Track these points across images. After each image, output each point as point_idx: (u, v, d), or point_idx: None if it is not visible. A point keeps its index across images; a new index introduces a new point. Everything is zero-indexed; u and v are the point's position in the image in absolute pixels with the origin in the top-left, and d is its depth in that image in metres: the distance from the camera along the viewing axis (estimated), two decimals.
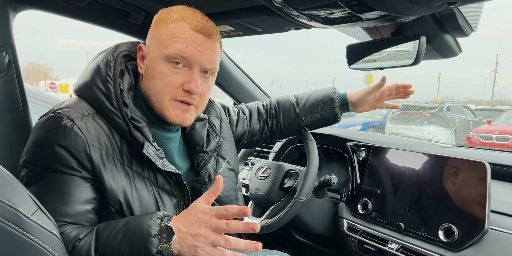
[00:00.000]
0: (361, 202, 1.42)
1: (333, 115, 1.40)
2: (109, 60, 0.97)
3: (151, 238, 0.80)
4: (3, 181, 0.55)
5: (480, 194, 1.08)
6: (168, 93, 0.96)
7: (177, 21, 0.96)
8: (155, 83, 0.96)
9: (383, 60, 1.37)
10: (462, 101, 25.63)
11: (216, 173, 1.14)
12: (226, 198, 1.16)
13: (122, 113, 0.93)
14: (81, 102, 0.96)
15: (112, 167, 0.92)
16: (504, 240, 1.04)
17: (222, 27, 1.51)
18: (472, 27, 1.20)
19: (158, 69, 0.95)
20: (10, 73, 1.35)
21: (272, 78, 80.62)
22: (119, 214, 0.93)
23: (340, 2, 1.02)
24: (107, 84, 0.94)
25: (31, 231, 0.53)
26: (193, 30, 0.95)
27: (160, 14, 0.99)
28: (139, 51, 1.00)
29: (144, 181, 0.97)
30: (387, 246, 1.27)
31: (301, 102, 1.42)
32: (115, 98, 0.94)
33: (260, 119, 1.43)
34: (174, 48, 0.94)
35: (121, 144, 0.95)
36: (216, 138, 1.15)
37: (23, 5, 1.39)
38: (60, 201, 0.88)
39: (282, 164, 1.49)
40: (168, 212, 0.98)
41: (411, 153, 1.33)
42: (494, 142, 9.06)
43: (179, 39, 0.94)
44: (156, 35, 0.97)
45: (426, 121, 11.22)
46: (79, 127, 0.89)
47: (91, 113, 0.94)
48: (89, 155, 0.89)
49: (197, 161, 1.11)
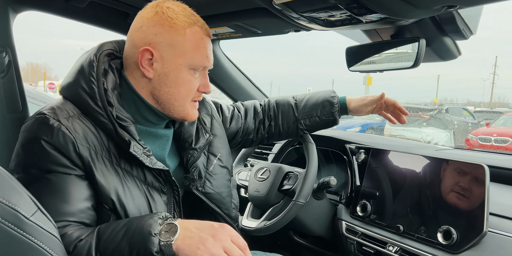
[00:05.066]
0: (360, 204, 1.42)
1: (332, 119, 1.40)
2: (92, 60, 0.96)
3: (151, 237, 0.80)
4: (3, 181, 0.55)
5: (478, 196, 1.09)
6: (190, 97, 1.02)
7: (191, 25, 0.97)
8: (179, 90, 0.99)
9: (382, 62, 1.38)
10: (461, 103, 25.67)
11: (206, 170, 1.15)
12: (218, 195, 1.16)
13: (107, 113, 0.93)
14: (66, 103, 0.95)
15: (102, 166, 0.93)
16: (503, 242, 1.04)
17: (222, 29, 1.51)
18: (472, 30, 1.20)
19: (182, 77, 0.98)
20: (10, 74, 1.35)
21: (271, 80, 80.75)
22: (113, 212, 0.94)
23: (340, 4, 1.02)
24: (90, 84, 0.94)
25: (31, 232, 0.53)
26: (206, 35, 1.00)
27: (161, 14, 0.95)
28: (144, 54, 0.96)
29: (134, 179, 0.98)
30: (386, 248, 1.27)
31: (300, 105, 1.42)
32: (99, 98, 0.93)
33: (256, 118, 1.43)
34: (200, 60, 0.99)
35: (108, 143, 0.95)
36: (206, 135, 1.16)
37: (23, 5, 1.39)
38: (60, 201, 0.88)
39: (282, 166, 1.49)
40: (160, 209, 1.00)
41: (410, 155, 1.33)
42: (492, 144, 9.07)
43: (201, 49, 0.99)
44: (173, 41, 0.95)
45: (425, 123, 11.23)
46: (66, 127, 0.90)
47: (77, 114, 0.94)
48: (79, 154, 0.90)
49: (186, 158, 1.11)
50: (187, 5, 1.01)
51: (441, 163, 1.22)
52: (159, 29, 0.95)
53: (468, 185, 1.13)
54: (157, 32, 0.95)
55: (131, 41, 0.99)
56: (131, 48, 0.98)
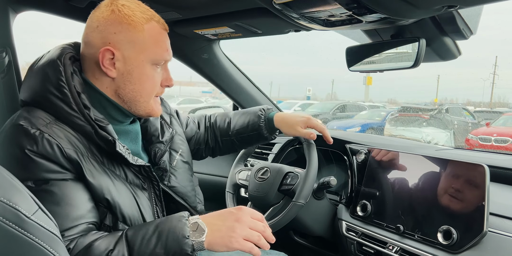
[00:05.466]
0: (360, 204, 1.43)
1: (261, 137, 1.39)
2: (57, 65, 0.94)
3: (185, 240, 0.84)
4: (3, 180, 0.55)
5: (479, 196, 1.09)
6: (154, 92, 1.03)
7: (148, 21, 0.97)
8: (144, 86, 1.00)
9: (382, 62, 1.38)
10: (461, 103, 25.66)
11: (171, 165, 1.17)
12: (183, 188, 1.19)
13: (84, 116, 0.93)
14: (35, 111, 0.93)
15: (91, 166, 0.93)
16: (503, 242, 1.04)
17: (222, 29, 1.51)
18: (472, 30, 1.20)
19: (146, 73, 0.99)
20: (10, 74, 1.36)
21: (271, 80, 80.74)
22: (108, 210, 0.95)
23: (340, 4, 1.03)
24: (61, 89, 0.92)
25: (32, 231, 0.53)
26: (163, 29, 1.01)
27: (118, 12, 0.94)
28: (105, 54, 0.95)
29: (119, 179, 0.98)
30: (386, 248, 1.27)
31: (232, 123, 1.43)
32: (74, 101, 0.92)
33: (207, 130, 1.46)
34: (161, 55, 1.00)
35: (89, 145, 0.95)
36: (170, 129, 1.20)
37: (23, 6, 1.39)
38: (69, 207, 0.88)
39: (282, 166, 1.49)
40: (145, 206, 1.02)
41: (410, 155, 1.34)
42: (492, 144, 9.06)
43: (161, 44, 1.00)
44: (133, 38, 0.95)
45: (425, 123, 11.23)
46: (49, 134, 0.88)
47: (52, 121, 0.92)
48: (67, 157, 0.89)
49: (154, 152, 1.13)
50: (187, 5, 1.01)
51: (441, 163, 1.22)
52: (117, 28, 0.94)
53: (468, 185, 1.13)
54: (116, 30, 0.94)
55: (88, 42, 0.97)
56: (89, 49, 0.97)
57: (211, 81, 1.97)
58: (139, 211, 1.00)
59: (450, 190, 1.17)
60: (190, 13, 1.39)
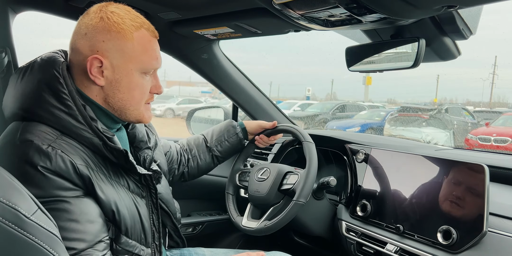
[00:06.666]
0: (360, 204, 1.43)
1: (238, 140, 1.52)
2: (56, 76, 0.91)
3: None
4: (3, 181, 0.55)
5: (478, 196, 1.09)
6: (144, 99, 1.02)
7: (138, 29, 0.95)
8: (133, 94, 0.99)
9: (382, 62, 1.38)
10: (460, 103, 25.63)
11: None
12: (167, 195, 1.23)
13: (92, 128, 0.91)
14: (39, 126, 0.89)
15: (100, 181, 0.93)
16: (503, 242, 1.04)
17: (222, 29, 1.51)
18: (471, 30, 1.21)
19: (135, 81, 0.98)
20: (9, 74, 1.35)
21: (271, 80, 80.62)
22: (112, 222, 0.95)
23: (340, 5, 1.03)
24: (65, 102, 0.90)
25: (31, 231, 0.53)
26: (153, 37, 1.00)
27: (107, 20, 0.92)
28: (93, 62, 0.92)
29: (123, 189, 0.99)
30: (385, 248, 1.27)
31: (208, 136, 1.53)
32: (80, 114, 0.91)
33: (177, 151, 1.48)
34: (150, 63, 0.99)
35: (97, 157, 0.94)
36: (153, 136, 1.22)
37: (23, 6, 1.39)
38: (87, 223, 0.88)
39: (281, 166, 1.49)
40: (144, 214, 1.03)
41: (410, 155, 1.34)
42: (492, 144, 9.07)
43: (150, 52, 0.98)
44: (122, 46, 0.93)
45: (424, 123, 11.24)
46: (61, 150, 0.87)
47: (58, 135, 0.89)
48: (80, 174, 0.88)
49: (143, 158, 1.12)
50: (187, 5, 1.01)
51: (440, 163, 1.22)
52: (106, 36, 0.92)
53: (467, 185, 1.13)
54: (105, 38, 0.92)
55: (76, 49, 0.95)
56: (77, 56, 0.95)
57: (210, 81, 1.97)
58: (139, 221, 1.01)
59: (449, 190, 1.17)
60: (190, 13, 1.39)
